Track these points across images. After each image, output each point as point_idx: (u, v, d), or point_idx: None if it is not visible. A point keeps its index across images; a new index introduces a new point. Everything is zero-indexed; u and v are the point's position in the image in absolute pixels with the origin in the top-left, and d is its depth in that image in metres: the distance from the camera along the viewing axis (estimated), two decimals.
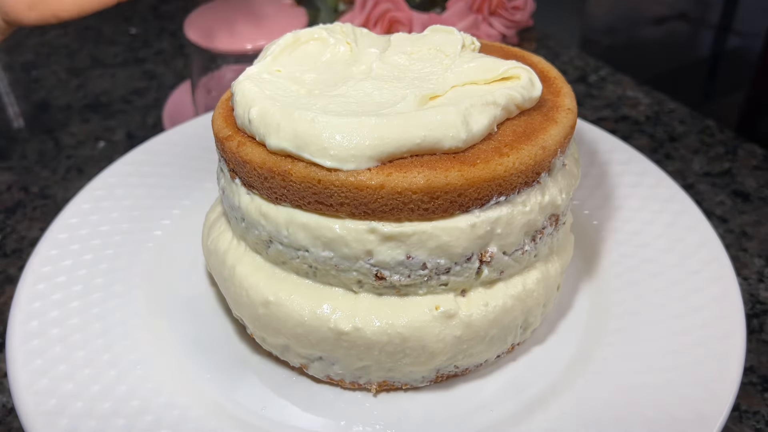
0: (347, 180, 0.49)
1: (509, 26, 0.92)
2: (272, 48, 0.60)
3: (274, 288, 0.54)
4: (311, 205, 0.51)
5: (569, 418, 0.53)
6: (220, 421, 0.54)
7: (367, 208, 0.50)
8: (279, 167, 0.51)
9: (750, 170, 0.92)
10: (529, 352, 0.60)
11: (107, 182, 0.73)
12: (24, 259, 0.80)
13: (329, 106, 0.52)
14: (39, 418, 0.50)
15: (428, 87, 0.54)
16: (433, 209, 0.50)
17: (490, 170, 0.50)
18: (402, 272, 0.52)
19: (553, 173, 0.55)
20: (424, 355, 0.53)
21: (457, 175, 0.49)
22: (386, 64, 0.58)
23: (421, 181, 0.49)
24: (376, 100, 0.53)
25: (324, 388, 0.58)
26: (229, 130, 0.56)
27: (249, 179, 0.53)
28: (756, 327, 0.70)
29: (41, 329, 0.57)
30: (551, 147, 0.53)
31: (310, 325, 0.53)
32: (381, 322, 0.52)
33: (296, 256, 0.53)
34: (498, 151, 0.51)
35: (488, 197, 0.51)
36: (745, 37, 1.55)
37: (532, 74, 0.55)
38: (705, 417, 0.50)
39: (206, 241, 0.62)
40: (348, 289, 0.54)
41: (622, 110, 1.06)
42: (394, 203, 0.49)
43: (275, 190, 0.52)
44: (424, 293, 0.53)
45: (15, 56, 1.25)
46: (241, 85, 0.55)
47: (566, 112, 0.56)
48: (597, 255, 0.67)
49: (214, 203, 0.66)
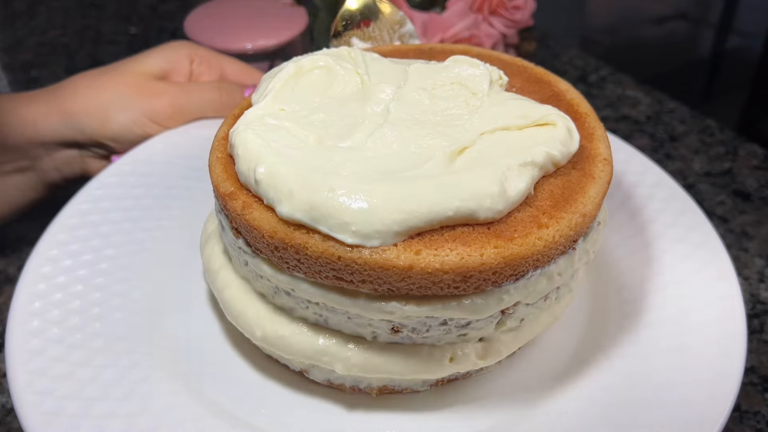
0: (371, 258, 0.43)
1: (509, 26, 0.92)
2: (273, 83, 0.53)
3: (266, 324, 0.52)
4: (329, 280, 0.46)
5: (569, 418, 0.53)
6: (220, 421, 0.53)
7: (392, 287, 0.45)
8: (293, 239, 0.45)
9: (750, 170, 0.92)
10: (529, 353, 0.60)
11: (106, 182, 0.73)
12: (24, 259, 0.79)
13: (347, 164, 0.46)
14: (38, 418, 0.50)
15: (455, 137, 0.48)
16: (464, 288, 0.46)
17: (529, 246, 0.45)
18: (420, 327, 0.49)
19: (589, 236, 0.51)
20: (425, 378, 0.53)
21: (494, 252, 0.44)
22: (405, 104, 0.51)
23: (454, 260, 0.44)
24: (399, 157, 0.47)
25: (324, 390, 0.57)
26: (231, 185, 0.49)
27: (256, 245, 0.48)
28: (756, 327, 0.70)
29: (41, 329, 0.57)
30: (591, 213, 0.48)
31: (306, 361, 0.52)
32: (384, 372, 0.51)
33: (305, 306, 0.50)
34: (537, 222, 0.46)
35: (524, 273, 0.47)
36: (745, 37, 1.55)
37: (569, 122, 0.51)
38: (705, 417, 0.50)
39: (203, 251, 0.61)
40: (360, 336, 0.51)
41: (622, 110, 1.06)
42: (423, 283, 0.45)
43: (287, 260, 0.47)
44: (442, 344, 0.51)
45: (15, 56, 1.25)
46: (242, 136, 0.48)
47: (603, 163, 0.51)
48: (598, 256, 0.67)
49: (213, 210, 0.64)
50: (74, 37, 1.31)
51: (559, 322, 0.62)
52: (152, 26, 1.35)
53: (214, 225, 0.61)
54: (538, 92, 0.60)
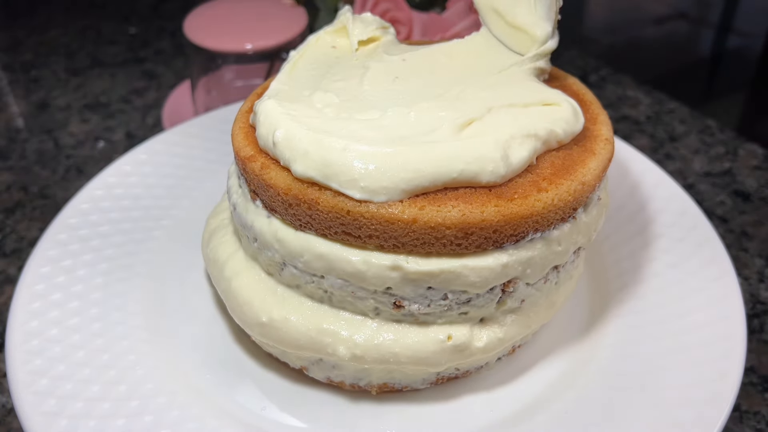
0: (378, 213, 0.46)
1: None
2: (293, 54, 0.59)
3: (272, 308, 0.53)
4: (338, 235, 0.49)
5: (569, 418, 0.53)
6: (220, 421, 0.53)
7: (397, 242, 0.47)
8: (305, 195, 0.48)
9: (750, 170, 0.92)
10: (529, 353, 0.60)
11: (107, 182, 0.73)
12: (24, 259, 0.79)
13: (360, 131, 0.49)
14: (38, 418, 0.50)
15: (464, 110, 0.51)
16: (466, 245, 0.48)
17: (528, 206, 0.47)
18: (422, 302, 0.50)
19: (589, 208, 0.53)
20: (426, 368, 0.53)
21: (494, 210, 0.47)
22: (419, 72, 0.56)
23: (455, 216, 0.46)
24: (411, 126, 0.50)
25: (324, 388, 0.57)
26: (251, 149, 0.53)
27: (272, 203, 0.51)
28: (756, 327, 0.70)
29: (41, 329, 0.57)
30: (590, 182, 0.51)
31: (310, 347, 0.52)
32: (386, 353, 0.51)
33: (311, 281, 0.51)
34: (536, 186, 0.49)
35: (524, 233, 0.49)
36: (745, 37, 1.55)
37: (574, 105, 0.53)
38: (705, 417, 0.50)
39: (205, 248, 0.61)
40: (364, 315, 0.52)
41: (622, 110, 1.06)
42: (426, 238, 0.47)
43: (299, 217, 0.49)
44: (443, 322, 0.52)
45: (15, 56, 1.25)
46: (264, 104, 0.52)
47: (604, 143, 0.54)
48: (597, 255, 0.67)
49: (216, 208, 0.65)
50: (74, 36, 1.31)
51: (558, 321, 0.62)
52: (152, 26, 1.35)
53: (219, 220, 0.62)
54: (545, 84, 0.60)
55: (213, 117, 0.82)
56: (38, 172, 0.96)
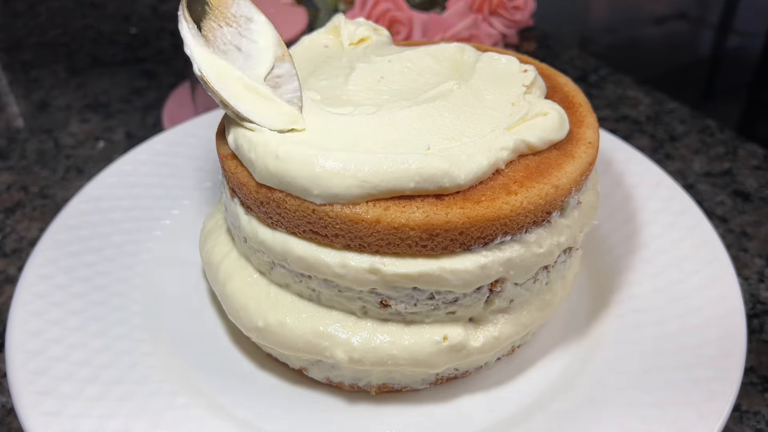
0: (342, 212, 0.47)
1: (509, 26, 0.92)
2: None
3: (267, 312, 0.53)
4: (306, 234, 0.49)
5: (569, 418, 0.53)
6: (219, 421, 0.53)
7: (363, 242, 0.48)
8: (273, 194, 0.49)
9: (750, 170, 0.92)
10: (529, 353, 0.60)
11: (107, 182, 0.73)
12: (24, 259, 0.79)
13: (325, 131, 0.49)
14: (38, 418, 0.50)
15: (435, 116, 0.51)
16: (432, 246, 0.47)
17: (495, 209, 0.47)
18: (408, 301, 0.50)
19: (566, 212, 0.52)
20: (424, 370, 0.53)
21: (459, 213, 0.46)
22: (403, 73, 0.56)
23: (419, 217, 0.46)
24: (380, 136, 0.49)
25: (323, 389, 0.57)
26: (228, 149, 0.53)
27: (247, 201, 0.52)
28: (756, 327, 0.70)
29: (41, 329, 0.57)
30: (565, 186, 0.50)
31: (307, 350, 0.52)
32: (383, 355, 0.51)
33: (299, 280, 0.52)
34: (506, 189, 0.48)
35: (492, 236, 0.48)
36: (745, 37, 1.55)
37: (562, 114, 0.52)
38: (705, 417, 0.50)
39: (201, 250, 0.61)
40: (352, 314, 0.52)
41: (622, 110, 1.06)
42: (391, 239, 0.47)
43: (271, 215, 0.50)
44: (431, 322, 0.51)
45: (15, 56, 1.25)
46: None
47: (586, 146, 0.53)
48: (597, 255, 0.67)
49: (212, 210, 0.65)
50: (74, 37, 1.31)
51: (557, 321, 0.62)
52: (152, 26, 1.35)
53: (214, 222, 0.62)
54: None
55: (213, 117, 0.82)
56: (38, 172, 0.96)
